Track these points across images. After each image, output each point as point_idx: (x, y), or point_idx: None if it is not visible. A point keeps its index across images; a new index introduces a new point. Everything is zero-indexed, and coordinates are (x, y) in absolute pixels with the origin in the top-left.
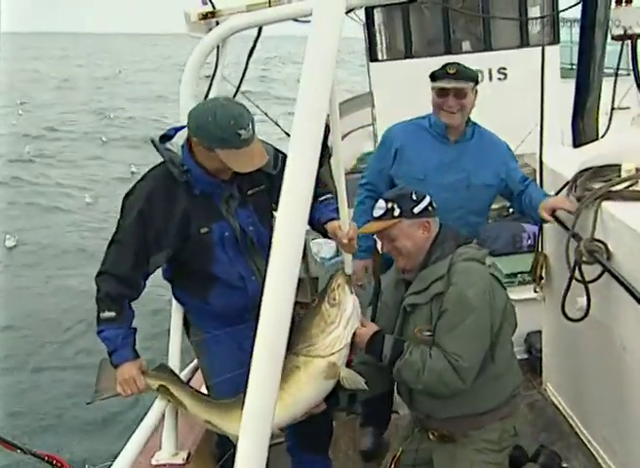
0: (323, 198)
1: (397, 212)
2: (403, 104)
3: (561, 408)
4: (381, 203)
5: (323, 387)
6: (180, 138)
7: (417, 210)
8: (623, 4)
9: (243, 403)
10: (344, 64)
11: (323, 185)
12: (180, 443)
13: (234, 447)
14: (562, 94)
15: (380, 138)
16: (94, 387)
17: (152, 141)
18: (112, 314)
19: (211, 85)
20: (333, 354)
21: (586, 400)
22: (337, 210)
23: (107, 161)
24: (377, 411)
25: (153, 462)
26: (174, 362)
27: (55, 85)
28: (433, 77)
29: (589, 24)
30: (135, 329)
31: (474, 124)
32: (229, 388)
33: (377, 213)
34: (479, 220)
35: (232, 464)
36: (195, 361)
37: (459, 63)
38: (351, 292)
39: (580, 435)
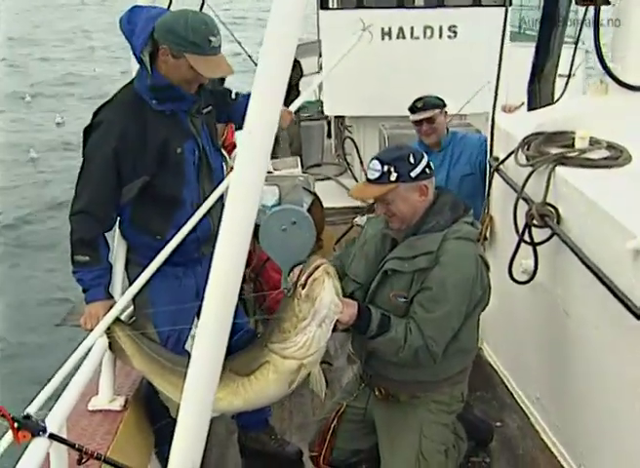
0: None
1: (394, 176)
2: (350, 55)
3: (496, 367)
4: (377, 165)
5: (289, 386)
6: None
7: (414, 173)
8: None
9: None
10: None
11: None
12: (116, 387)
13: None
14: (509, 56)
15: None
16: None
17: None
18: (86, 258)
19: None
20: (307, 357)
21: (523, 361)
22: None
23: None
24: None
25: (90, 408)
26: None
27: None
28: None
29: None
30: (110, 266)
31: (453, 133)
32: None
33: (372, 175)
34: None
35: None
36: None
37: (425, 97)
38: (329, 282)
39: (514, 395)
